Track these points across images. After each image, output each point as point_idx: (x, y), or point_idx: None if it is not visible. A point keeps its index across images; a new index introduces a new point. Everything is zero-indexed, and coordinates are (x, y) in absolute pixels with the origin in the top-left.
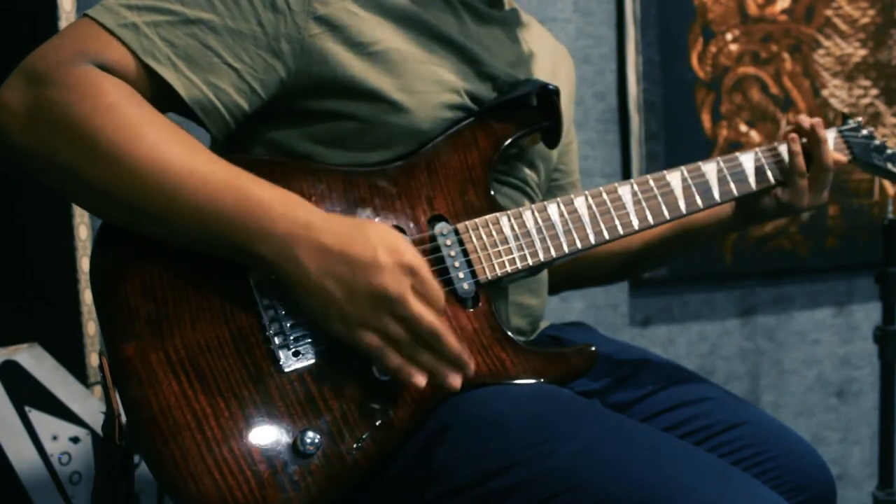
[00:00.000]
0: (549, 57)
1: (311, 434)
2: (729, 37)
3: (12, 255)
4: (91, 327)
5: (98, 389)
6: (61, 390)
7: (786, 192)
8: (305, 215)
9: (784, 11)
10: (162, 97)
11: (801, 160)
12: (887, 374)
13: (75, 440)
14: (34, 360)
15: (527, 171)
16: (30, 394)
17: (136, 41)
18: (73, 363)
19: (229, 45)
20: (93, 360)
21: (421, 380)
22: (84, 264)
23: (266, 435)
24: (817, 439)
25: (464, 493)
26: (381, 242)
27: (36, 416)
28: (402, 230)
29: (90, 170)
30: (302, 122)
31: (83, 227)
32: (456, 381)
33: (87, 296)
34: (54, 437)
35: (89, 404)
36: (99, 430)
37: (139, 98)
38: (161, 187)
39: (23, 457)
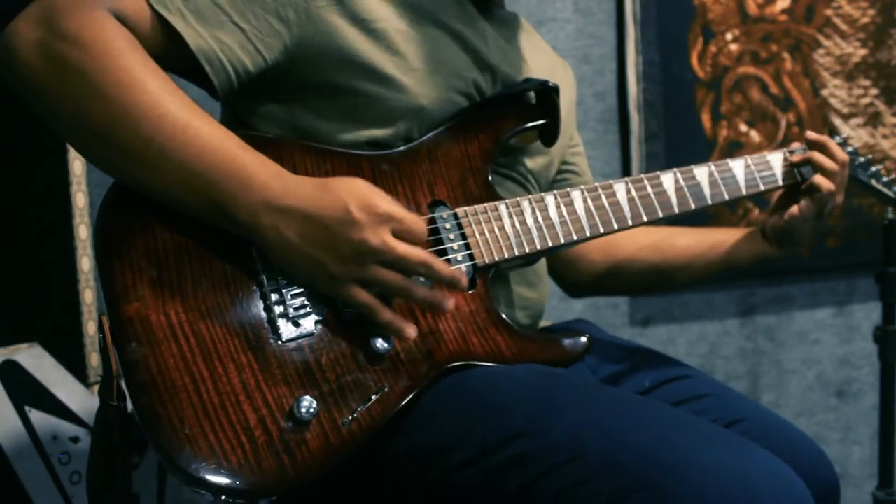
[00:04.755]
0: (546, 61)
1: (306, 402)
2: (729, 36)
3: (12, 255)
4: (91, 327)
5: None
6: (61, 390)
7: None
8: (281, 185)
9: (784, 11)
10: (170, 49)
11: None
12: (887, 374)
13: (75, 440)
14: (34, 360)
15: (528, 165)
16: (30, 394)
17: None
18: (73, 363)
19: (238, 7)
20: (93, 360)
21: (412, 332)
22: (84, 264)
23: (262, 401)
24: (817, 439)
25: (468, 469)
26: (351, 198)
27: (36, 415)
28: None
29: (91, 107)
30: (304, 96)
31: (83, 227)
32: (450, 302)
33: (87, 296)
34: (54, 437)
35: (89, 404)
36: None
37: (146, 53)
38: (156, 134)
39: (23, 457)
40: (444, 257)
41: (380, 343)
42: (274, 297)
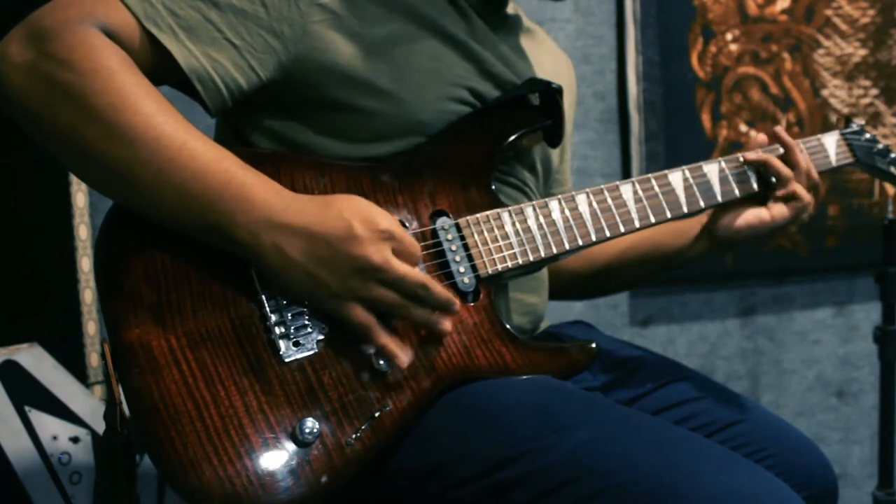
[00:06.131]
0: (551, 62)
1: (309, 423)
2: (729, 37)
3: (12, 255)
4: (91, 327)
5: (98, 389)
6: (61, 390)
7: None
8: (281, 203)
9: (784, 11)
10: (161, 66)
11: (776, 165)
12: (887, 374)
13: (75, 440)
14: (34, 360)
15: (526, 172)
16: (30, 394)
17: (139, 7)
18: (73, 363)
19: (231, 22)
20: (93, 360)
21: (404, 360)
22: (84, 264)
23: (265, 424)
24: (817, 439)
25: (468, 486)
26: (353, 214)
27: (36, 415)
28: (403, 224)
29: (84, 131)
30: (302, 112)
31: (83, 227)
32: (447, 324)
33: (87, 296)
34: (54, 437)
35: (89, 404)
36: (99, 429)
37: (139, 71)
38: (152, 156)
39: (23, 457)
40: (447, 269)
41: (382, 360)
42: (274, 317)
